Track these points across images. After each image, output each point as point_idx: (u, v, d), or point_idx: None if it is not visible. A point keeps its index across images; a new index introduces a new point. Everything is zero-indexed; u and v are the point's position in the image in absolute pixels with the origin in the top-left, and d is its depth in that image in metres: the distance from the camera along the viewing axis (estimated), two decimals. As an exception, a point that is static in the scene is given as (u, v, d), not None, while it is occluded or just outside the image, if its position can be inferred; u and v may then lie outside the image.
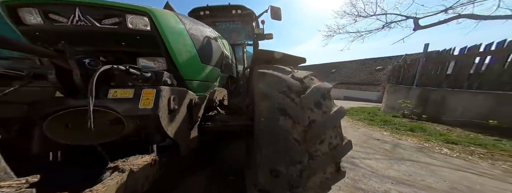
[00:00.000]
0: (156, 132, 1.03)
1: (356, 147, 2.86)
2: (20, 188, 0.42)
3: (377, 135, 3.73)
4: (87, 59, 0.86)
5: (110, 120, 1.02)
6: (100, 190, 0.56)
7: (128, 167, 0.73)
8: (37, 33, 1.08)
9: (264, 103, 0.98)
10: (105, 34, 1.12)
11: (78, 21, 1.05)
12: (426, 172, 2.08)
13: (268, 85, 1.03)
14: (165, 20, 1.19)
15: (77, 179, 0.81)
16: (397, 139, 3.46)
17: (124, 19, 1.10)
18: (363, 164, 2.31)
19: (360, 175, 2.02)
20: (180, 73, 1.31)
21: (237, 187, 1.66)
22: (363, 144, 3.15)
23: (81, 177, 0.81)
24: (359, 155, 2.61)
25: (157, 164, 0.92)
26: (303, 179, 0.89)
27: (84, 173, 0.83)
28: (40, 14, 1.04)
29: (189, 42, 1.37)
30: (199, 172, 1.96)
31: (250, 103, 1.61)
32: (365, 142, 3.24)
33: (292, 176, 0.88)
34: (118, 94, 0.91)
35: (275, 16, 3.25)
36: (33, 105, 0.85)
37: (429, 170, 2.13)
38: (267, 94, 0.99)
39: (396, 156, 2.61)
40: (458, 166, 2.26)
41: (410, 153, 2.70)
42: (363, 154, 2.68)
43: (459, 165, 2.28)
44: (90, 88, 0.73)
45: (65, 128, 0.91)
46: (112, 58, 1.24)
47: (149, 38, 1.17)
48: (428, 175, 2.02)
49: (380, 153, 2.72)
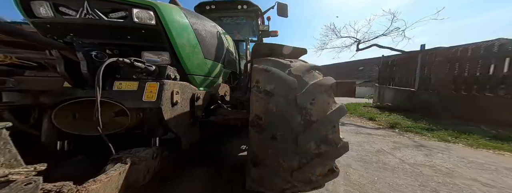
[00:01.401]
0: (159, 125, 1.05)
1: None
2: (28, 175, 0.44)
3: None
4: (94, 52, 0.88)
5: (115, 112, 1.05)
6: (103, 181, 0.58)
7: (131, 159, 0.75)
8: (48, 25, 1.11)
9: (257, 102, 0.95)
10: (112, 27, 1.13)
11: (86, 14, 1.06)
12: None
13: (262, 82, 0.99)
14: (169, 14, 1.19)
15: (82, 168, 0.84)
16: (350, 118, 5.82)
17: (130, 13, 1.10)
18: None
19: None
20: (183, 67, 1.32)
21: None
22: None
23: (86, 166, 0.84)
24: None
25: (159, 157, 0.94)
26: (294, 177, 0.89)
27: (89, 163, 0.87)
28: (51, 7, 1.06)
29: (193, 37, 1.37)
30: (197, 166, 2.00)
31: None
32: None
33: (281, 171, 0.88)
34: (123, 86, 0.93)
35: (281, 13, 3.18)
36: (43, 94, 0.88)
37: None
38: (261, 92, 0.96)
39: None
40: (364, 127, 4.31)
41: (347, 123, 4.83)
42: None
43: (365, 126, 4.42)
44: (97, 79, 0.75)
45: (72, 118, 0.93)
46: (118, 51, 1.26)
47: (154, 32, 1.17)
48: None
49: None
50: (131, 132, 1.14)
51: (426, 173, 1.96)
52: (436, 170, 2.05)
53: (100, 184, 0.56)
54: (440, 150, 2.66)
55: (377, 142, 2.98)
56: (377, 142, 2.99)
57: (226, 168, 1.96)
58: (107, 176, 0.61)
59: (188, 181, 1.68)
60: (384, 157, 2.39)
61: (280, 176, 0.92)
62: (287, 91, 0.95)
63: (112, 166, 0.68)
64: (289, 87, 0.96)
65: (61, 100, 0.88)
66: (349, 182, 1.75)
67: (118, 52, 1.26)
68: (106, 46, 1.22)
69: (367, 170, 2.01)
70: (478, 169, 2.09)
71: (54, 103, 0.88)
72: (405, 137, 3.36)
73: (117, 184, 0.65)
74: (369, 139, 3.17)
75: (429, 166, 2.14)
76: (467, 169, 2.07)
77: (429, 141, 3.10)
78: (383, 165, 2.15)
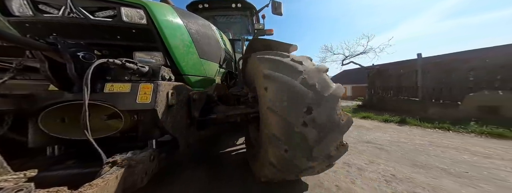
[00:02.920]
0: (155, 127, 1.02)
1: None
2: (18, 182, 0.42)
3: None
4: (82, 53, 0.84)
5: (107, 115, 1.01)
6: (99, 185, 0.56)
7: (128, 162, 0.73)
8: (26, 24, 1.05)
9: (270, 85, 1.02)
10: (99, 27, 1.08)
11: (69, 13, 1.01)
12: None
13: (271, 68, 1.08)
14: (161, 13, 1.16)
15: (77, 173, 0.81)
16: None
17: (118, 12, 1.06)
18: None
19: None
20: (178, 68, 1.29)
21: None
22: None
23: (81, 171, 0.81)
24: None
25: (156, 159, 0.92)
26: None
27: (84, 168, 0.83)
28: (29, 5, 1.00)
29: (187, 37, 1.34)
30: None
31: (248, 92, 1.63)
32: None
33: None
34: (115, 88, 0.90)
35: (276, 11, 3.18)
36: (27, 99, 0.83)
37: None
38: (270, 76, 1.04)
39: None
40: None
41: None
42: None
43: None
44: (85, 81, 0.71)
45: (61, 122, 0.89)
46: (108, 52, 1.21)
47: (146, 32, 1.14)
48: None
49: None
50: (126, 135, 1.11)
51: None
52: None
53: (96, 188, 0.54)
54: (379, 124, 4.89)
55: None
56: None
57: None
58: (103, 180, 0.59)
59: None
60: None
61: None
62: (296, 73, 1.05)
63: (108, 169, 0.66)
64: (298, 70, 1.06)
65: (47, 105, 0.84)
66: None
67: (107, 52, 1.21)
68: (94, 47, 1.16)
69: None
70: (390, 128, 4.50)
71: (39, 107, 0.83)
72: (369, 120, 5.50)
73: (114, 188, 0.63)
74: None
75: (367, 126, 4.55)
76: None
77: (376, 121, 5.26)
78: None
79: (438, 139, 3.09)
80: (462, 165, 2.01)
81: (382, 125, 4.50)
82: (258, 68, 1.16)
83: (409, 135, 3.44)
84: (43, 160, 0.88)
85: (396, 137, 3.26)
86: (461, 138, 3.14)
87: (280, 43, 1.54)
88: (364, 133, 3.60)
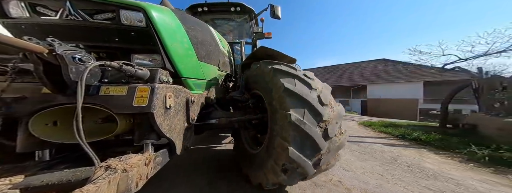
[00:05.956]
0: (151, 130, 1.00)
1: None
2: (2, 189, 0.40)
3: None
4: (78, 55, 0.82)
5: (102, 118, 0.99)
6: (90, 190, 0.53)
7: (122, 166, 0.70)
8: (22, 26, 1.03)
9: (288, 98, 1.19)
10: (98, 29, 1.08)
11: (68, 15, 1.01)
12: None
13: (290, 82, 1.25)
14: (160, 16, 1.16)
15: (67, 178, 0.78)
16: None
17: (117, 14, 1.06)
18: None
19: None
20: (176, 70, 1.28)
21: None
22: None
23: (71, 176, 0.77)
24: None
25: (152, 163, 0.90)
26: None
27: (75, 173, 0.80)
28: (26, 7, 1.00)
29: (186, 40, 1.34)
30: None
31: (249, 97, 1.66)
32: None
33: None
34: (111, 90, 0.88)
35: (274, 15, 3.22)
36: (19, 102, 0.81)
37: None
38: (289, 90, 1.20)
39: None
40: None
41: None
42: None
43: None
44: (79, 84, 0.70)
45: (53, 126, 0.87)
46: (105, 54, 1.20)
47: (144, 35, 1.13)
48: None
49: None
50: (121, 138, 1.08)
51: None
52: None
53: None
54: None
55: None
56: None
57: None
58: (95, 185, 0.56)
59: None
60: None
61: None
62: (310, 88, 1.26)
63: (101, 174, 0.63)
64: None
65: (40, 108, 0.81)
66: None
67: (105, 55, 1.20)
68: (91, 49, 1.15)
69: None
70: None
71: (31, 111, 0.81)
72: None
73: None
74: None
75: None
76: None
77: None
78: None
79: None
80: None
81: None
82: (274, 79, 1.30)
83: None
84: (32, 165, 0.85)
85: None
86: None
87: (284, 55, 1.62)
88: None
